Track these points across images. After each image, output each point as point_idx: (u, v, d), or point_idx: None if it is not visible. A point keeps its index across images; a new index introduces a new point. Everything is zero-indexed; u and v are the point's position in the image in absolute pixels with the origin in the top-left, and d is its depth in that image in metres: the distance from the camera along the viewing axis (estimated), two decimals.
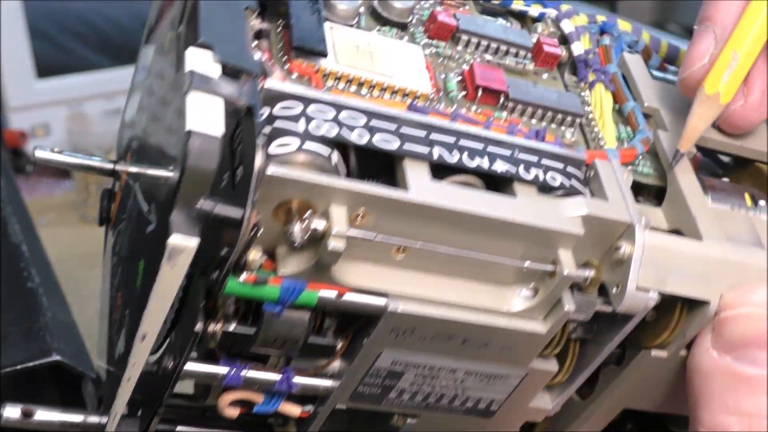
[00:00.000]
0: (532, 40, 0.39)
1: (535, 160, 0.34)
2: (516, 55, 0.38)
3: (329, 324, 0.34)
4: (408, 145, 0.32)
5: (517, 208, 0.32)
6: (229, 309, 0.32)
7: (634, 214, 0.34)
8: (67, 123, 1.10)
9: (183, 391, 0.37)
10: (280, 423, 0.37)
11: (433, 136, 0.32)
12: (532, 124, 0.37)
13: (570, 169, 0.34)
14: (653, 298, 0.34)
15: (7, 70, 1.04)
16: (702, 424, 0.34)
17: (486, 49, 0.38)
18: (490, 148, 0.33)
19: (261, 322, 0.32)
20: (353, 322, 0.34)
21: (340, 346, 0.34)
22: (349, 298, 0.32)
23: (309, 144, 0.31)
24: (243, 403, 0.35)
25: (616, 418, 0.40)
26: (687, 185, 0.36)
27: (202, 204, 0.27)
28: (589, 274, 0.34)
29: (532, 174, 0.33)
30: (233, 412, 0.35)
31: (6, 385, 0.47)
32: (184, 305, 0.31)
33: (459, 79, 0.36)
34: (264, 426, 0.38)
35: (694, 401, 0.34)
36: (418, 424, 0.37)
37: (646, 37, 0.42)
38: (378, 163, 0.33)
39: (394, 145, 0.32)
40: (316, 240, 0.30)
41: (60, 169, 0.99)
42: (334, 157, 0.31)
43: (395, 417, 0.38)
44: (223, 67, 0.28)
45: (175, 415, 0.37)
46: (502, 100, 0.36)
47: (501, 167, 0.33)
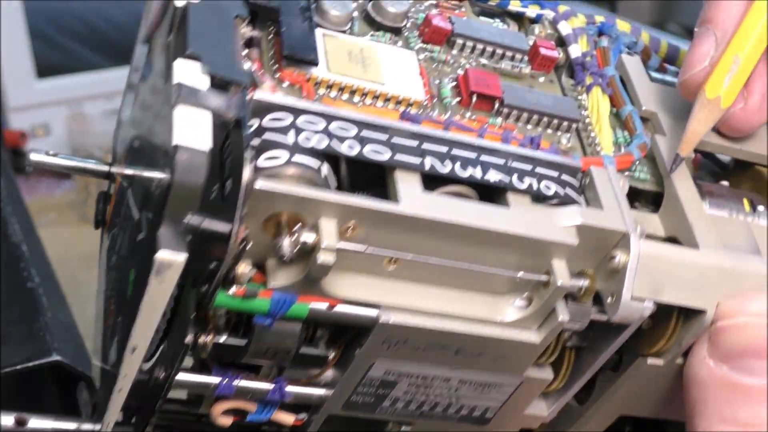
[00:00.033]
0: (529, 43, 0.38)
1: (528, 168, 0.33)
2: (512, 58, 0.38)
3: (321, 334, 0.34)
4: (399, 156, 0.31)
5: (510, 218, 0.32)
6: (220, 320, 0.32)
7: (630, 223, 0.33)
8: (67, 123, 1.10)
9: (177, 397, 0.37)
10: (274, 431, 0.37)
11: (425, 146, 0.32)
12: (528, 130, 0.36)
13: (565, 177, 0.34)
14: (648, 307, 0.33)
15: (7, 70, 1.05)
16: None
17: (482, 53, 0.37)
18: (483, 157, 0.33)
19: (252, 334, 0.31)
20: (345, 332, 0.34)
21: (332, 356, 0.34)
22: (341, 309, 0.32)
23: (298, 157, 0.30)
24: (236, 412, 0.35)
25: (615, 421, 0.40)
26: (684, 191, 0.36)
27: (190, 219, 0.27)
28: (584, 283, 0.33)
29: (525, 183, 0.33)
30: (226, 421, 0.35)
31: (6, 385, 0.47)
32: (175, 315, 0.31)
33: (453, 84, 0.36)
34: None
35: (690, 410, 0.34)
36: None
37: (645, 38, 0.42)
38: (370, 174, 0.32)
39: (385, 155, 0.31)
40: (305, 253, 0.30)
41: None
42: (324, 169, 0.31)
43: (390, 424, 0.38)
44: (212, 78, 0.28)
45: (170, 421, 0.37)
46: (497, 106, 0.36)
47: (494, 177, 0.33)
